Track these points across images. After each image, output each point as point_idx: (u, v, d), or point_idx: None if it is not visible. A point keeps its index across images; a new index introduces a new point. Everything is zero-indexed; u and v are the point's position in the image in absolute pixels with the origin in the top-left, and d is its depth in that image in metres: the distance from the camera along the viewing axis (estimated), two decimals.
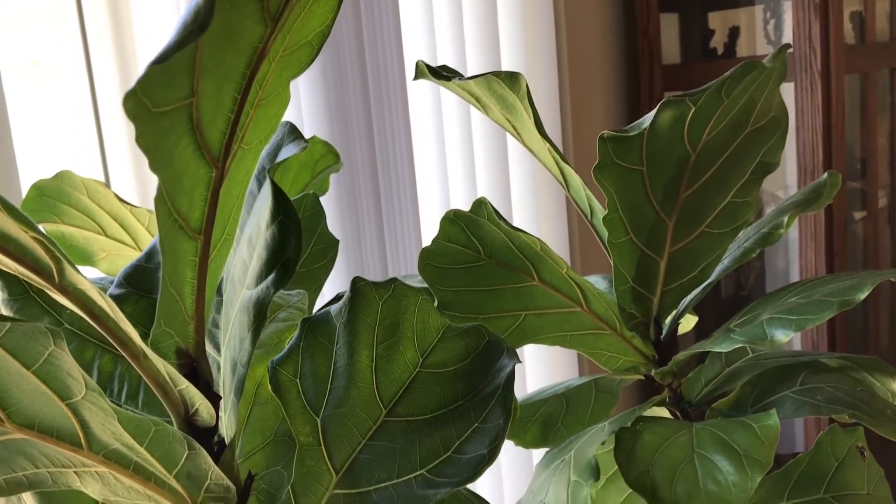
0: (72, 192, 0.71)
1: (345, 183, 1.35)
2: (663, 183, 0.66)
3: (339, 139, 1.33)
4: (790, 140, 1.53)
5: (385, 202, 1.42)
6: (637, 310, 0.70)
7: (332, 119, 1.32)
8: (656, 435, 0.65)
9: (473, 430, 0.41)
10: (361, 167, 1.37)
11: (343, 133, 1.34)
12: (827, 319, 0.56)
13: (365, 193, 1.38)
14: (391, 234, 1.40)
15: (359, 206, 1.37)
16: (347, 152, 1.35)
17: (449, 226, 0.70)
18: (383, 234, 1.40)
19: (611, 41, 1.71)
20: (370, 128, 1.38)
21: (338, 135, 1.33)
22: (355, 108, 1.37)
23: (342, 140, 1.34)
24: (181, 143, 0.30)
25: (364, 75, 1.39)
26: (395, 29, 1.39)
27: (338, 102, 1.34)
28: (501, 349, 0.44)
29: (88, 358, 0.44)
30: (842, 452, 0.77)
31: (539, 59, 1.39)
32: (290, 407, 0.43)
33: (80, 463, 0.38)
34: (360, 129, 1.37)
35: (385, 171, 1.41)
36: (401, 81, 1.39)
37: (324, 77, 1.33)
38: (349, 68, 1.38)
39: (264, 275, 0.36)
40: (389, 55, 1.39)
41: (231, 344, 0.38)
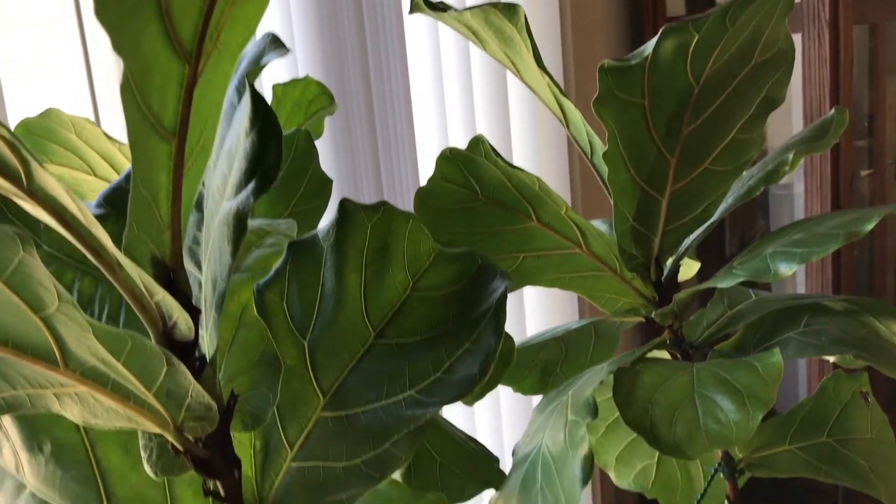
0: (59, 130, 0.69)
1: (340, 124, 1.32)
2: (665, 117, 0.64)
3: (333, 79, 1.30)
4: (796, 94, 1.50)
5: (381, 142, 1.39)
6: (637, 250, 0.69)
7: (327, 59, 1.29)
8: (656, 375, 0.64)
9: (464, 350, 0.39)
10: (357, 107, 1.34)
11: (338, 73, 1.31)
12: (832, 251, 0.54)
13: (361, 133, 1.35)
14: (388, 174, 1.37)
15: (354, 146, 1.35)
16: (342, 93, 1.32)
17: (445, 164, 0.69)
18: (380, 174, 1.38)
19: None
20: (366, 67, 1.35)
21: (333, 75, 1.30)
22: (350, 47, 1.34)
23: (337, 80, 1.31)
24: (149, 30, 0.28)
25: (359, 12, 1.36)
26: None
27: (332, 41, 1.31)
28: (495, 272, 0.43)
29: (68, 281, 0.43)
30: (845, 397, 0.76)
31: None
32: (276, 330, 0.42)
33: (58, 383, 0.37)
34: (356, 69, 1.34)
35: (381, 110, 1.38)
36: (397, 17, 1.36)
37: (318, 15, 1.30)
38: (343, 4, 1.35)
39: (244, 184, 0.35)
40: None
41: (211, 259, 0.37)
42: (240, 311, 0.42)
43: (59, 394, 0.38)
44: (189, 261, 0.39)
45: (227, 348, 0.41)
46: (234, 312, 0.42)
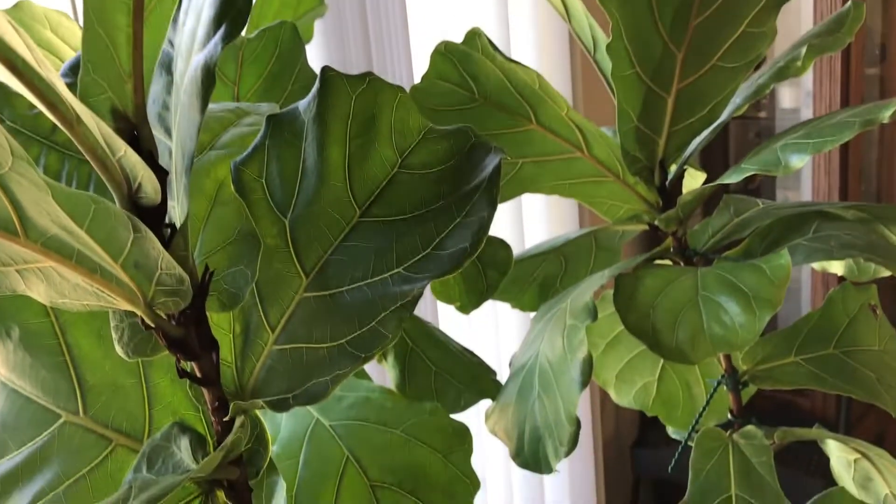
0: (32, 24, 0.65)
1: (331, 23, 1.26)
2: (672, 8, 0.60)
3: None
4: (806, 16, 1.45)
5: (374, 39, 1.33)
6: (641, 152, 0.66)
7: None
8: (658, 279, 0.61)
9: (455, 225, 0.37)
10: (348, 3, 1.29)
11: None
12: (847, 139, 0.51)
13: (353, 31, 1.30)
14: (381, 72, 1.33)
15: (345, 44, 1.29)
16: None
17: (440, 61, 0.65)
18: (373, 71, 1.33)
19: None
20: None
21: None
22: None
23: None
24: None
25: None
26: None
27: None
28: (488, 148, 0.40)
29: (33, 157, 0.40)
30: (853, 309, 0.74)
31: None
32: (255, 208, 0.39)
33: (21, 259, 0.34)
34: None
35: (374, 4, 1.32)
36: None
37: None
38: None
39: (213, 31, 0.31)
40: None
41: (181, 121, 0.34)
42: (216, 188, 0.39)
43: (22, 270, 0.35)
44: (158, 128, 0.36)
45: (202, 226, 0.39)
46: (210, 190, 0.39)
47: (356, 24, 1.32)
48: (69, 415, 0.40)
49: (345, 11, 1.30)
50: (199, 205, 0.39)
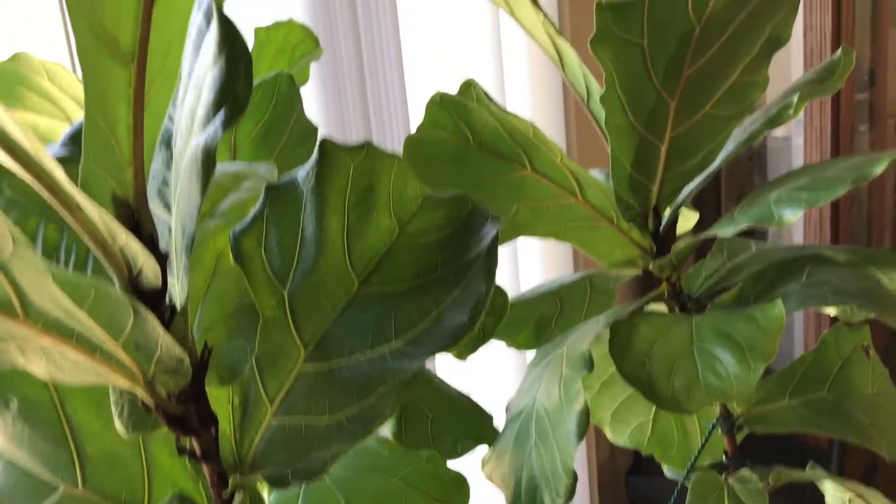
0: (31, 75, 0.66)
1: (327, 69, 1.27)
2: (665, 58, 0.61)
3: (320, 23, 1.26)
4: (797, 43, 1.46)
5: (370, 88, 1.34)
6: (635, 199, 0.66)
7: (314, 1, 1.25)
8: (653, 327, 0.61)
9: (454, 298, 0.37)
10: (345, 52, 1.30)
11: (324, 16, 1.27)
12: (840, 195, 0.51)
13: (349, 79, 1.31)
14: (377, 121, 1.33)
15: (342, 92, 1.30)
16: (329, 37, 1.27)
17: (435, 110, 0.66)
18: (369, 121, 1.34)
19: None
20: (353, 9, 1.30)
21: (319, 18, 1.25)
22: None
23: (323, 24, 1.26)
24: None
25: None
26: None
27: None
28: (486, 217, 0.40)
29: (31, 228, 0.40)
30: (846, 351, 0.74)
31: None
32: (254, 278, 0.39)
33: (21, 336, 0.34)
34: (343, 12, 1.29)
35: (370, 54, 1.33)
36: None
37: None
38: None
39: (212, 115, 0.32)
40: None
41: (180, 199, 0.34)
42: (215, 260, 0.40)
43: (22, 347, 0.35)
44: (158, 203, 0.37)
45: (202, 299, 0.39)
46: (209, 261, 0.40)
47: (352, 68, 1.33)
48: (68, 486, 0.40)
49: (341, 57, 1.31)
50: (199, 277, 0.39)
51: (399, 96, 1.34)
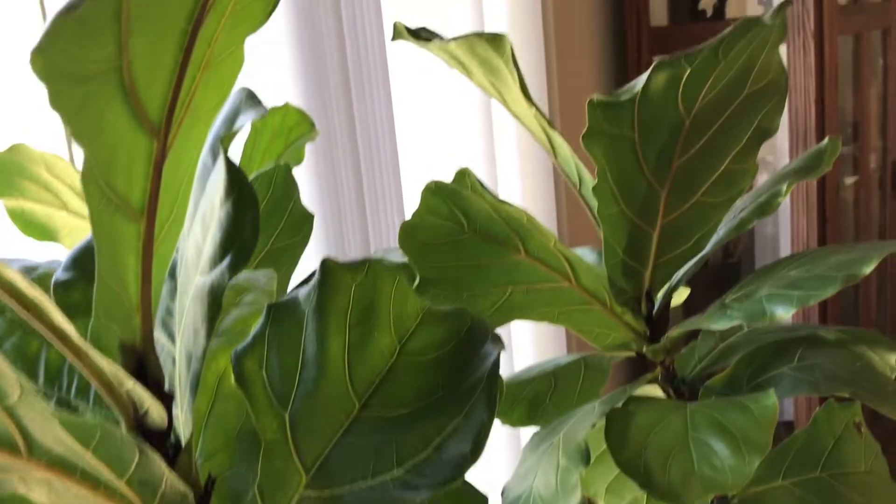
0: (29, 165, 0.66)
1: (322, 153, 1.30)
2: (656, 150, 0.62)
3: (315, 106, 1.28)
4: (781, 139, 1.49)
5: (365, 172, 1.37)
6: (628, 284, 0.67)
7: (308, 85, 1.27)
8: (649, 416, 0.62)
9: (455, 425, 0.37)
10: (340, 135, 1.32)
11: (319, 100, 1.29)
12: (830, 295, 0.52)
13: (344, 163, 1.33)
14: (372, 205, 1.35)
15: (337, 176, 1.32)
16: (325, 120, 1.29)
17: (430, 198, 0.66)
18: (364, 205, 1.35)
19: (597, 4, 1.66)
20: (348, 93, 1.32)
21: (314, 101, 1.28)
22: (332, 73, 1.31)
23: (319, 107, 1.29)
24: (112, 111, 0.26)
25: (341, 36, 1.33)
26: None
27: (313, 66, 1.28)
28: (486, 334, 0.41)
29: (34, 351, 0.40)
30: (839, 429, 0.75)
31: (524, 20, 1.34)
32: (255, 401, 0.39)
33: (24, 469, 0.34)
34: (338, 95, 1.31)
35: (365, 139, 1.36)
36: (380, 44, 1.34)
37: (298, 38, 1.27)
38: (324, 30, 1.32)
39: (219, 259, 0.32)
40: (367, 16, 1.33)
41: (185, 336, 0.34)
42: (216, 382, 0.40)
43: (25, 478, 0.35)
44: (162, 333, 0.37)
45: (204, 424, 0.39)
46: (211, 383, 0.40)
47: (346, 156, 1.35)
48: None
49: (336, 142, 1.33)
50: (201, 401, 0.39)
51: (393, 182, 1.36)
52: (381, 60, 1.35)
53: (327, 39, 1.31)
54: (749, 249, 2.15)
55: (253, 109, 0.36)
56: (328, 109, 1.32)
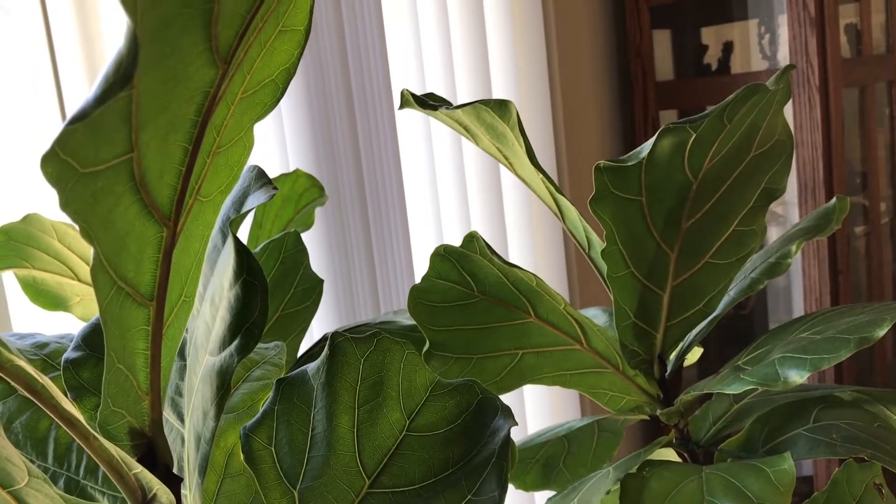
0: (41, 235, 0.67)
1: (333, 217, 1.31)
2: (664, 213, 0.62)
3: (325, 171, 1.29)
4: None
5: (375, 236, 1.37)
6: (640, 346, 0.67)
7: (318, 150, 1.29)
8: (664, 481, 0.61)
9: (466, 503, 0.37)
10: (350, 200, 1.33)
11: (329, 165, 1.30)
12: (844, 358, 0.52)
13: (354, 227, 1.34)
14: (382, 269, 1.36)
15: (348, 240, 1.33)
16: (335, 185, 1.31)
17: (439, 262, 0.67)
18: (374, 269, 1.36)
19: (603, 60, 1.68)
20: (358, 159, 1.34)
21: (324, 167, 1.29)
22: (342, 139, 1.33)
23: (329, 172, 1.30)
24: (122, 204, 0.26)
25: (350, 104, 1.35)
26: (382, 56, 1.35)
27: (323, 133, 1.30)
28: (496, 408, 0.40)
29: (44, 429, 0.40)
30: (859, 490, 0.73)
31: (531, 83, 1.36)
32: (264, 479, 0.39)
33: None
34: (348, 161, 1.33)
35: (374, 203, 1.37)
36: (389, 111, 1.36)
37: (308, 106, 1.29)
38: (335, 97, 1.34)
39: (227, 341, 0.32)
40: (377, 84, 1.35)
41: (194, 417, 0.34)
42: (226, 459, 0.40)
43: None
44: (171, 412, 0.37)
45: (213, 502, 0.39)
46: (220, 461, 0.40)
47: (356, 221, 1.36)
48: None
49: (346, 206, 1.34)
50: (210, 479, 0.39)
51: (403, 244, 1.37)
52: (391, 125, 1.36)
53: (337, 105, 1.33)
54: (762, 302, 2.14)
55: (262, 190, 0.36)
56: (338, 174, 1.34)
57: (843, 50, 1.64)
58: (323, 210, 1.15)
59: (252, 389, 0.43)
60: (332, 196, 1.20)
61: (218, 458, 0.40)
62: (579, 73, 1.60)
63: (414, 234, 1.33)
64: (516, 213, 1.32)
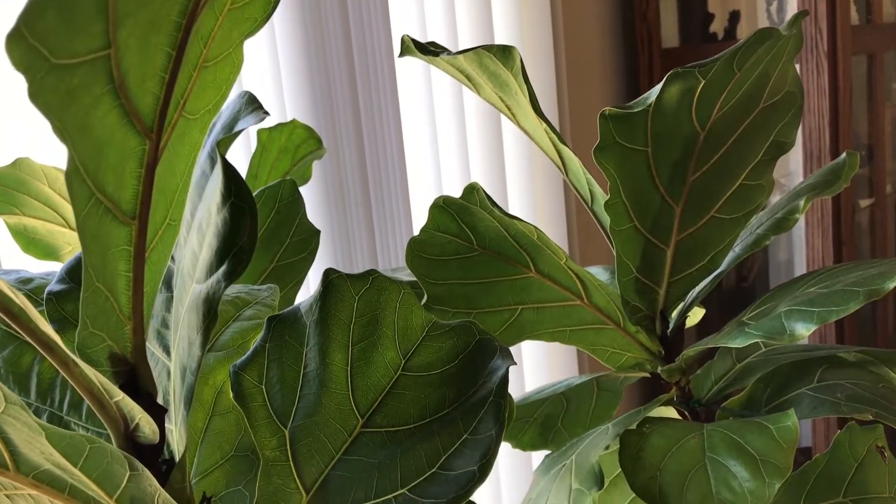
0: (31, 181, 0.65)
1: (330, 170, 1.28)
2: (670, 164, 0.61)
3: (323, 123, 1.27)
4: None
5: (374, 189, 1.35)
6: (642, 302, 0.65)
7: (316, 102, 1.26)
8: (664, 438, 0.60)
9: (462, 442, 0.35)
10: (348, 153, 1.31)
11: (328, 117, 1.28)
12: (852, 311, 0.51)
13: (352, 181, 1.32)
14: (380, 223, 1.34)
15: (346, 194, 1.31)
16: (333, 137, 1.28)
17: (438, 214, 0.65)
18: (372, 223, 1.34)
19: (608, 23, 1.65)
20: (357, 110, 1.31)
21: (322, 118, 1.27)
22: (340, 90, 1.30)
23: (327, 124, 1.28)
24: (101, 108, 0.25)
25: (349, 53, 1.33)
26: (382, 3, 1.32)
27: (322, 83, 1.27)
28: (494, 349, 0.39)
29: (26, 364, 0.39)
30: (861, 452, 0.72)
31: (534, 39, 1.34)
32: (254, 417, 0.38)
33: (10, 485, 0.33)
34: (346, 113, 1.30)
35: (373, 156, 1.35)
36: (389, 60, 1.33)
37: (307, 56, 1.27)
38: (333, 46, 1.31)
39: (215, 266, 0.31)
40: (376, 32, 1.32)
41: (180, 348, 0.33)
42: (214, 397, 0.38)
43: (11, 495, 0.34)
44: (157, 346, 0.36)
45: (200, 440, 0.37)
46: (209, 398, 0.38)
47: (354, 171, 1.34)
48: None
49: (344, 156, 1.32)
50: (197, 416, 0.38)
51: (401, 197, 1.35)
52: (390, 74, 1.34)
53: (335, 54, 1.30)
54: (763, 274, 2.12)
55: (254, 114, 0.35)
56: (336, 124, 1.31)
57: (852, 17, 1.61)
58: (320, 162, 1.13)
59: (243, 328, 0.42)
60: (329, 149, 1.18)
61: (206, 396, 0.39)
62: (584, 35, 1.57)
63: (413, 187, 1.31)
64: (517, 168, 1.30)
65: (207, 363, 0.40)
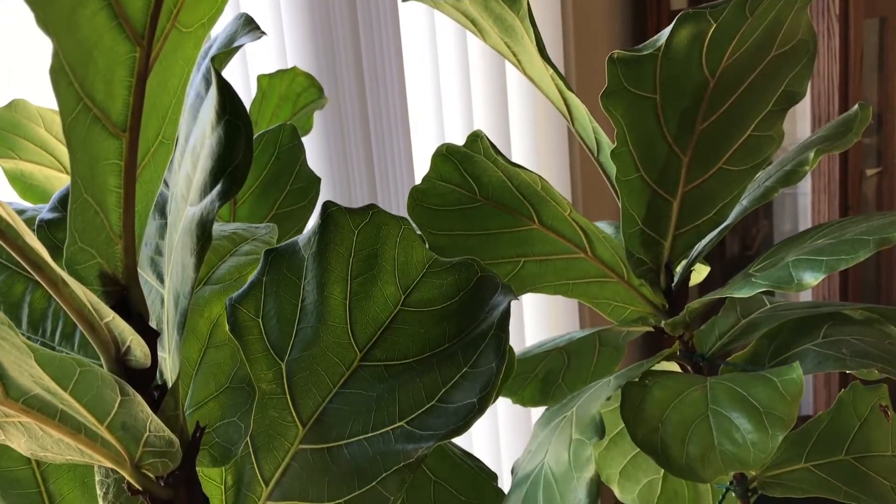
0: (26, 123, 0.64)
1: (331, 119, 1.27)
2: (678, 113, 0.59)
3: (324, 71, 1.25)
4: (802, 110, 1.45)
5: (375, 137, 1.33)
6: (646, 255, 0.64)
7: (318, 48, 1.24)
8: (667, 390, 0.59)
9: (462, 375, 0.35)
10: (349, 101, 1.29)
11: (329, 64, 1.25)
12: (861, 259, 0.50)
13: (353, 129, 1.30)
14: (381, 171, 1.32)
15: (346, 142, 1.29)
16: (334, 85, 1.26)
17: (441, 163, 0.64)
18: (373, 171, 1.32)
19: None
20: (358, 57, 1.29)
21: (324, 66, 1.24)
22: (342, 36, 1.27)
23: (328, 72, 1.25)
24: (88, 6, 0.24)
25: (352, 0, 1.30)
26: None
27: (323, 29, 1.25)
28: (496, 285, 0.38)
29: (18, 293, 0.38)
30: (864, 411, 0.72)
31: None
32: (250, 350, 0.37)
33: (1, 413, 0.32)
34: (348, 60, 1.28)
35: (375, 104, 1.33)
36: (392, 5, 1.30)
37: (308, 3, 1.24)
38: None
39: (209, 187, 0.30)
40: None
41: (174, 272, 0.32)
42: (209, 329, 0.38)
43: (2, 423, 0.33)
44: (151, 273, 0.35)
45: (195, 371, 0.37)
46: (204, 330, 0.38)
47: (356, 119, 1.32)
48: None
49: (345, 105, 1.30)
50: (192, 348, 0.37)
51: (403, 146, 1.33)
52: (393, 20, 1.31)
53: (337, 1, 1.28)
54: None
55: (250, 34, 0.34)
56: (337, 72, 1.29)
57: None
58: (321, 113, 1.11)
59: (239, 263, 0.41)
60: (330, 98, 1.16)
61: (201, 328, 0.38)
62: None
63: (415, 135, 1.29)
64: (520, 118, 1.28)
65: (203, 296, 0.39)
